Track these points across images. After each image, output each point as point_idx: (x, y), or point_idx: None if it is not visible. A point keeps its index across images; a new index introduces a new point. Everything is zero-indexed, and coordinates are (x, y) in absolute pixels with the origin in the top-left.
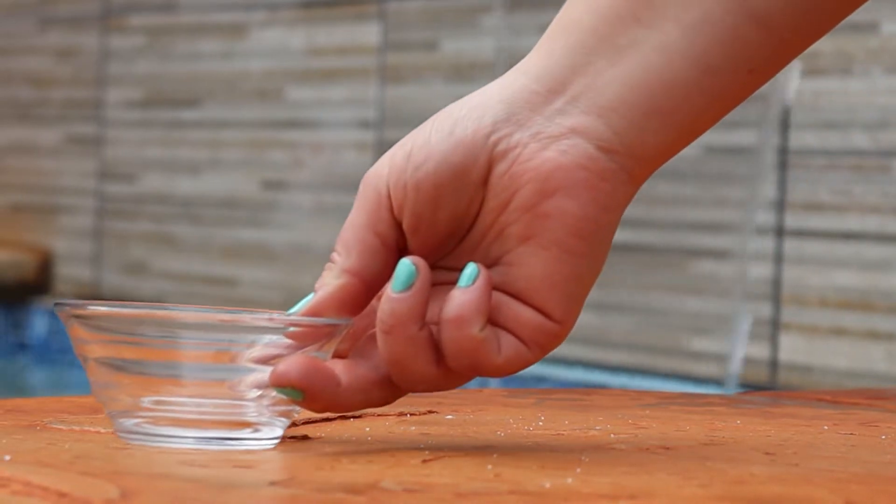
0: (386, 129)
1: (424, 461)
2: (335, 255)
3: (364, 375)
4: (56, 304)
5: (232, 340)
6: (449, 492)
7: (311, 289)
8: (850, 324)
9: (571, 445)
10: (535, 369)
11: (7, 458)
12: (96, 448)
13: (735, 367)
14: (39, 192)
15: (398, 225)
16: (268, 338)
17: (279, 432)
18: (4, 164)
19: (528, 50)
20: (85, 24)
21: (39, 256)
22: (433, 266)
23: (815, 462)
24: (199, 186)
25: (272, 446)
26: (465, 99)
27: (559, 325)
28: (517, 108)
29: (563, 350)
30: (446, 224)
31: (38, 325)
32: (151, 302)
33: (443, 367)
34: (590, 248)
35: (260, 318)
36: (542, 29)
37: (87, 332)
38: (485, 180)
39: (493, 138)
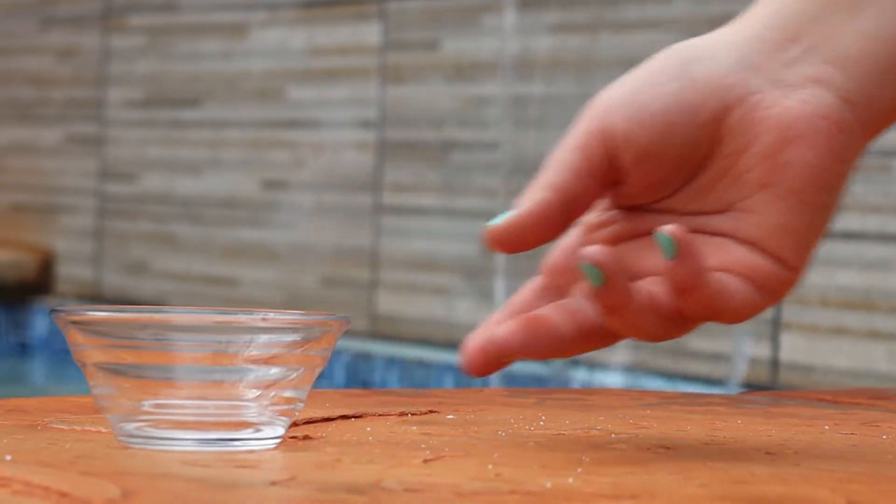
0: (387, 128)
1: (426, 461)
2: (542, 171)
3: (586, 323)
4: (52, 311)
5: (229, 341)
6: (450, 492)
7: (312, 289)
8: (851, 323)
9: (572, 445)
10: (537, 369)
11: (8, 458)
12: (97, 448)
13: (739, 367)
14: (40, 192)
15: (610, 155)
16: (264, 337)
17: (280, 432)
18: (5, 163)
19: (531, 50)
20: (86, 23)
21: (40, 256)
22: (652, 209)
23: (816, 462)
24: (200, 186)
25: (273, 446)
26: (692, 42)
27: (793, 272)
28: (752, 54)
29: None
30: (671, 162)
31: (39, 324)
32: (152, 302)
33: (675, 319)
34: (825, 199)
35: (255, 317)
36: (545, 29)
37: (85, 337)
38: (718, 123)
39: (728, 81)
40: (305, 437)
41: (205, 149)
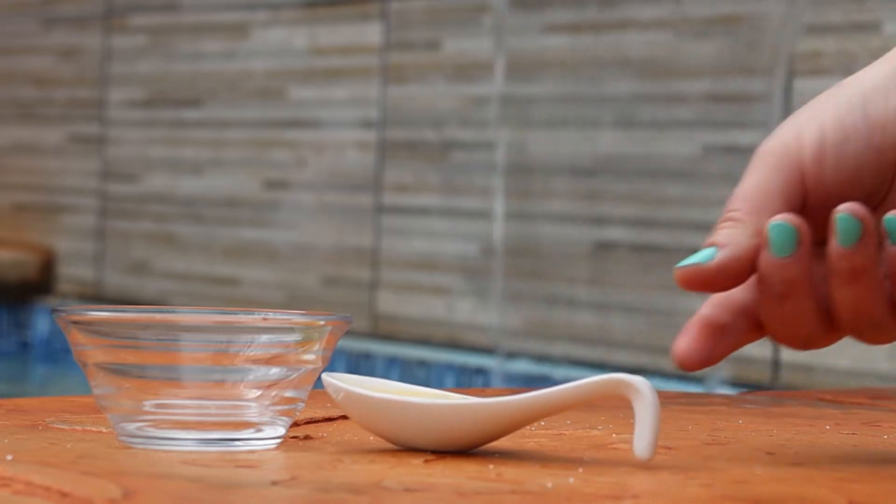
0: (388, 128)
1: (426, 461)
2: (741, 214)
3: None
4: (54, 311)
5: (230, 341)
6: (451, 492)
7: (313, 288)
8: None
9: (573, 445)
10: (537, 369)
11: (9, 457)
12: (98, 448)
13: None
14: (42, 192)
15: (805, 200)
16: (265, 337)
17: (281, 432)
18: (7, 163)
19: (530, 49)
20: (88, 23)
21: (42, 256)
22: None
23: (817, 462)
24: (202, 186)
25: (274, 446)
26: (852, 81)
27: None
28: None
29: (564, 349)
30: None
31: (41, 324)
32: (154, 302)
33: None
34: None
35: (256, 317)
36: (544, 28)
37: (86, 337)
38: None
39: None
40: (306, 437)
41: (206, 149)
